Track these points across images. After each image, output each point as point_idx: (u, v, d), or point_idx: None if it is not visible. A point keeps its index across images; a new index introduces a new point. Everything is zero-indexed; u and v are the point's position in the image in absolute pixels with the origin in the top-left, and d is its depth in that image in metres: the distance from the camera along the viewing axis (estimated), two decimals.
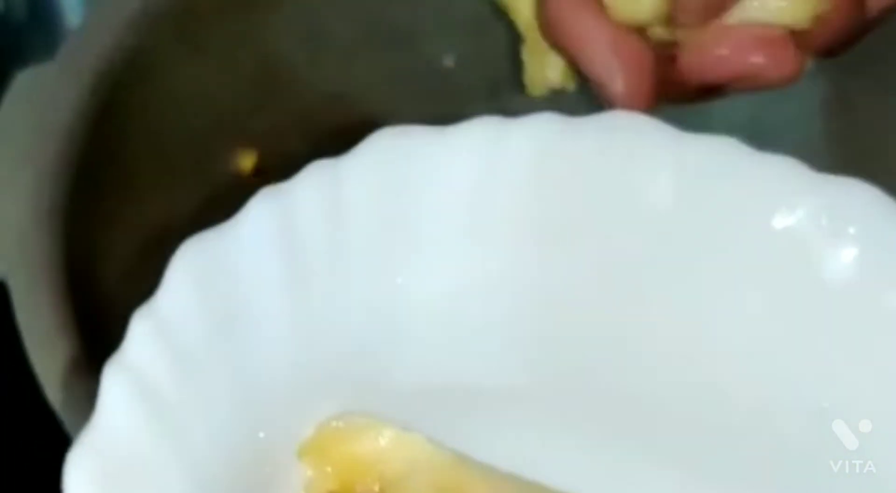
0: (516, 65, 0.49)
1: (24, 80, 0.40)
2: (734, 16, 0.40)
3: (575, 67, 0.42)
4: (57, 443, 0.34)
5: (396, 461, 0.34)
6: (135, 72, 0.41)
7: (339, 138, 0.48)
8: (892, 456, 0.35)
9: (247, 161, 0.46)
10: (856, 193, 0.35)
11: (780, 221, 0.35)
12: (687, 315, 0.36)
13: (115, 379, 0.31)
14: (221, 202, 0.46)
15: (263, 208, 0.33)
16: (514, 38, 0.48)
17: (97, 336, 0.38)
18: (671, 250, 0.36)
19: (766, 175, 0.35)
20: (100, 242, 0.40)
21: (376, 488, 0.34)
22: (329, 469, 0.34)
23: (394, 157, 0.35)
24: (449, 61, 0.48)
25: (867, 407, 0.35)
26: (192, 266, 0.32)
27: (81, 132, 0.40)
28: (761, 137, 0.48)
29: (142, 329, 0.31)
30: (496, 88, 0.49)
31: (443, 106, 0.48)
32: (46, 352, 0.36)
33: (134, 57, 0.41)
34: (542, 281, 0.36)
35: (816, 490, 0.35)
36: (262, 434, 0.33)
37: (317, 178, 0.34)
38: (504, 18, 0.48)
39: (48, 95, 0.40)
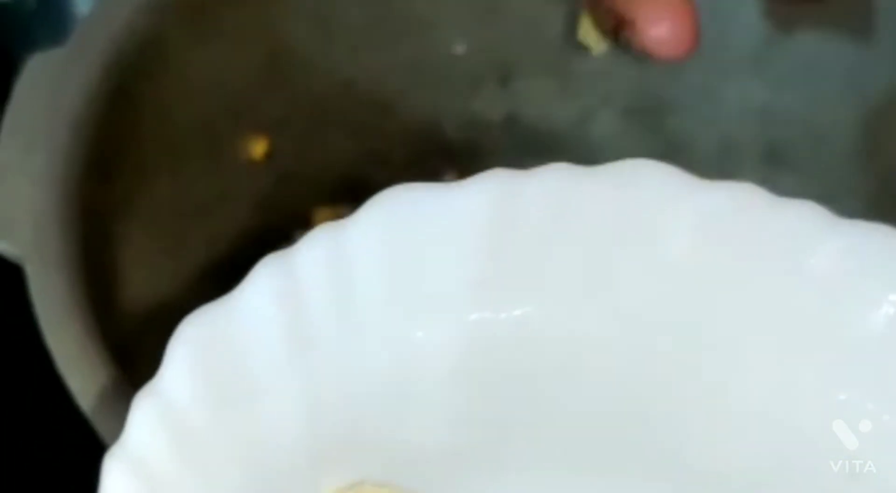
0: (527, 52, 0.49)
1: (36, 66, 0.40)
2: None
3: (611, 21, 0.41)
4: (73, 425, 0.34)
5: None
6: (146, 57, 0.41)
7: (350, 125, 0.48)
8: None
9: (258, 146, 0.46)
10: (879, 238, 0.34)
11: (802, 267, 0.34)
12: (702, 366, 0.35)
13: (116, 465, 0.30)
14: (234, 187, 0.46)
15: (265, 278, 0.32)
16: (525, 26, 0.48)
17: (112, 318, 0.38)
18: (689, 299, 0.35)
19: (786, 221, 0.34)
20: (114, 226, 0.40)
21: None
22: None
23: (399, 218, 0.33)
24: (460, 48, 0.48)
25: (867, 407, 0.35)
26: (193, 343, 0.31)
27: (94, 117, 0.40)
28: (774, 123, 0.49)
29: (143, 413, 0.31)
30: (507, 75, 0.49)
31: (453, 92, 0.48)
32: (63, 334, 0.35)
33: (145, 42, 0.41)
34: (558, 335, 0.35)
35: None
36: None
37: (320, 243, 0.33)
38: (515, 6, 0.48)
39: (60, 81, 0.40)
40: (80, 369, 0.35)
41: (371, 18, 0.46)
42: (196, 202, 0.45)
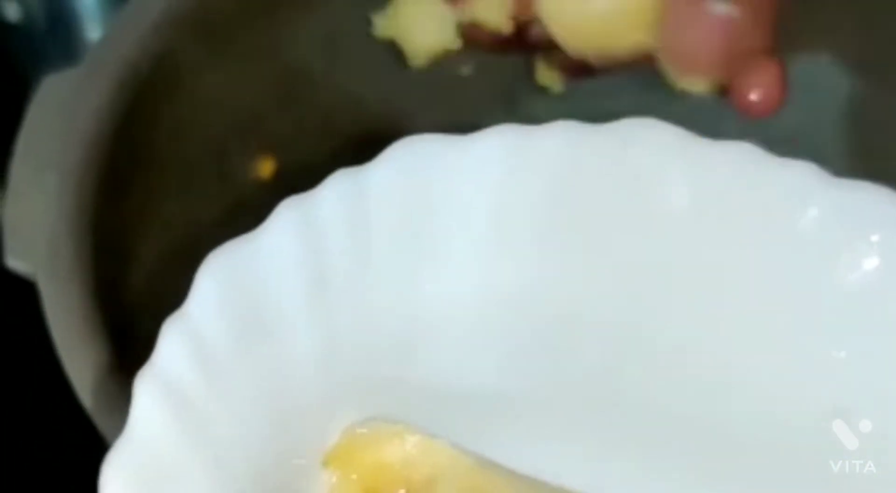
0: (533, 72, 0.49)
1: (50, 86, 0.41)
2: None
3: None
4: (89, 442, 0.34)
5: (422, 467, 0.34)
6: (158, 78, 0.42)
7: (358, 144, 0.48)
8: (892, 456, 0.35)
9: (267, 165, 0.47)
10: (873, 197, 0.35)
11: (797, 224, 0.35)
12: (701, 318, 0.36)
13: (146, 388, 0.31)
14: (242, 205, 0.47)
15: (287, 218, 0.34)
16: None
17: (125, 334, 0.38)
18: (689, 254, 0.36)
19: (783, 179, 0.35)
20: (125, 244, 0.41)
21: (402, 492, 0.34)
22: (354, 476, 0.34)
23: (415, 165, 0.35)
24: (467, 69, 0.49)
25: (867, 407, 0.36)
26: (219, 276, 0.33)
27: (107, 136, 0.40)
28: (775, 142, 0.49)
29: (171, 338, 0.32)
30: (513, 96, 0.49)
31: (460, 113, 0.49)
32: (77, 350, 0.36)
33: (157, 63, 0.42)
34: (564, 287, 0.36)
35: (816, 490, 0.36)
36: (288, 441, 0.34)
37: (339, 187, 0.34)
38: None
39: (74, 101, 0.40)
40: (95, 385, 0.35)
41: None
42: (205, 219, 0.45)
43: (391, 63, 0.47)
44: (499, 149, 0.35)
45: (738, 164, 0.35)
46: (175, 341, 0.32)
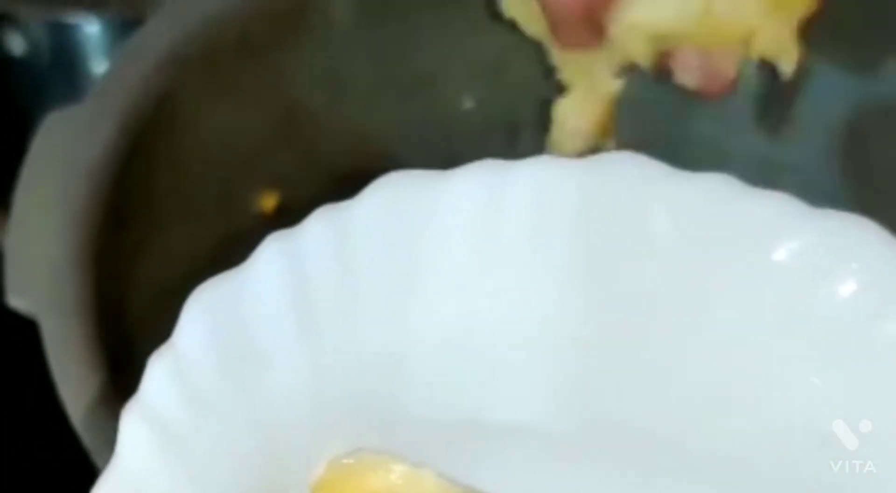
0: (535, 106, 0.49)
1: (53, 122, 0.41)
2: None
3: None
4: (87, 481, 0.34)
5: None
6: (161, 113, 0.42)
7: (360, 179, 0.49)
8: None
9: (269, 201, 0.47)
10: (852, 228, 0.35)
11: (776, 255, 0.36)
12: (686, 342, 0.37)
13: (133, 420, 0.32)
14: (244, 239, 0.47)
15: (273, 251, 0.34)
16: (532, 81, 0.49)
17: (126, 373, 0.38)
18: (670, 284, 0.36)
19: (760, 210, 0.36)
20: (127, 281, 0.41)
21: None
22: None
23: (398, 200, 0.35)
24: (469, 103, 0.49)
25: (867, 407, 0.36)
26: (205, 309, 0.33)
27: (109, 173, 0.40)
28: (773, 175, 0.49)
29: (158, 371, 0.32)
30: (515, 129, 0.50)
31: (463, 147, 0.49)
32: (77, 389, 0.36)
33: (161, 99, 0.42)
34: (547, 316, 0.37)
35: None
36: (275, 472, 0.34)
37: (324, 221, 0.35)
38: (522, 61, 0.48)
39: (77, 137, 0.41)
40: (95, 424, 0.35)
41: (381, 76, 0.46)
42: (207, 252, 0.45)
43: (392, 99, 0.47)
44: (479, 183, 0.35)
45: (715, 195, 0.36)
46: (161, 375, 0.32)
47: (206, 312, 0.33)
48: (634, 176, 0.36)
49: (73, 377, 0.36)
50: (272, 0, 0.44)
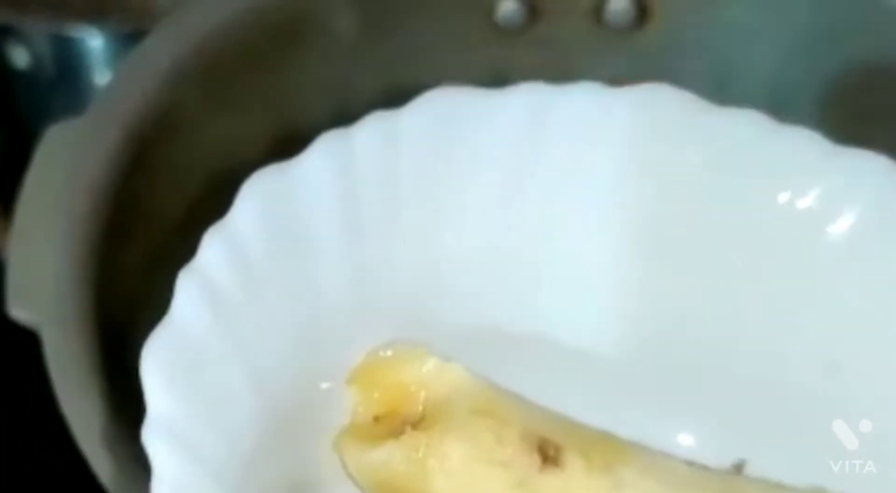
0: None
1: (55, 135, 0.41)
2: None
3: None
4: (87, 489, 0.35)
5: (438, 387, 0.36)
6: (162, 126, 0.42)
7: None
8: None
9: None
10: (870, 165, 0.37)
11: (799, 190, 0.37)
12: (709, 277, 0.39)
13: (187, 283, 0.34)
14: None
15: (325, 149, 0.36)
16: None
17: (128, 385, 0.39)
18: (697, 216, 0.38)
19: (785, 147, 0.37)
20: (128, 291, 0.41)
21: (419, 409, 0.36)
22: (376, 395, 0.36)
23: (446, 113, 0.37)
24: None
25: (867, 407, 0.36)
26: (260, 193, 0.35)
27: (111, 185, 0.41)
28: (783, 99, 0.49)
29: (213, 242, 0.35)
30: None
31: None
32: (79, 400, 0.36)
33: (162, 112, 0.42)
34: (583, 237, 0.39)
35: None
36: (315, 354, 0.36)
37: (375, 126, 0.37)
38: (519, 71, 0.48)
39: (79, 149, 0.41)
40: (97, 436, 0.35)
41: (379, 88, 0.46)
42: None
43: (393, 107, 0.47)
44: (524, 103, 0.38)
45: (744, 128, 0.38)
46: (216, 244, 0.34)
47: (260, 194, 0.35)
48: (670, 107, 0.38)
49: (73, 387, 0.37)
50: (273, 13, 0.44)
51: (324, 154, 0.36)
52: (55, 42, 0.53)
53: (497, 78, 0.48)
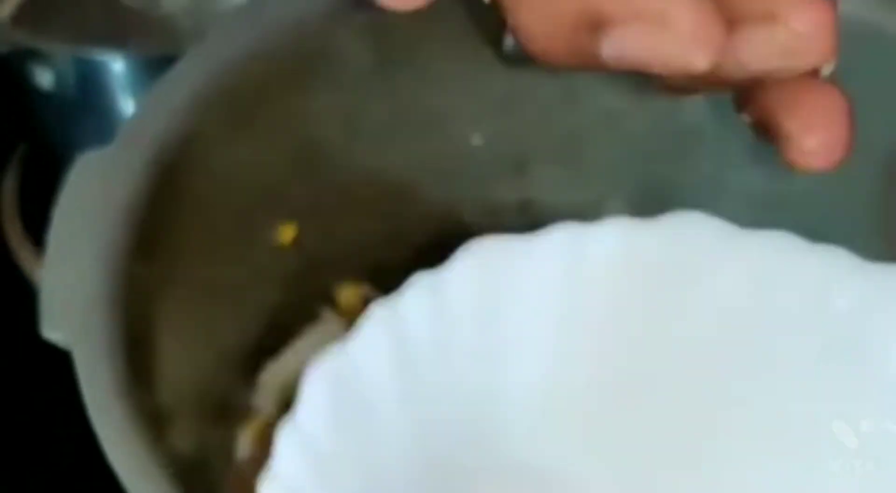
0: (543, 142, 0.51)
1: (85, 162, 0.42)
2: None
3: None
4: None
5: None
6: (186, 153, 0.43)
7: (372, 211, 0.50)
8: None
9: (287, 232, 0.48)
10: None
11: (829, 304, 0.37)
12: (743, 384, 0.38)
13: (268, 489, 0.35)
14: (265, 270, 0.48)
15: (377, 322, 0.37)
16: (540, 116, 0.50)
17: (156, 400, 0.40)
18: (740, 340, 0.38)
19: (820, 265, 0.37)
20: (153, 308, 0.42)
21: None
22: None
23: (487, 265, 0.38)
24: (477, 140, 0.50)
25: (867, 407, 0.37)
26: (321, 382, 0.36)
27: (138, 210, 0.42)
28: (775, 208, 0.50)
29: (287, 443, 0.35)
30: (523, 165, 0.51)
31: (471, 181, 0.50)
32: (111, 420, 0.37)
33: (186, 140, 0.43)
34: (626, 374, 0.39)
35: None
36: None
37: (421, 290, 0.37)
38: (527, 98, 0.50)
39: (108, 175, 0.42)
40: (129, 455, 0.36)
41: (394, 114, 0.48)
42: (229, 283, 0.47)
43: (405, 136, 0.49)
44: (560, 246, 0.38)
45: (776, 251, 0.37)
46: (289, 445, 0.35)
47: (324, 382, 0.36)
48: (703, 235, 0.38)
49: (104, 403, 0.38)
50: (293, 46, 0.45)
51: (376, 329, 0.37)
52: (78, 64, 0.54)
53: (503, 104, 0.50)
